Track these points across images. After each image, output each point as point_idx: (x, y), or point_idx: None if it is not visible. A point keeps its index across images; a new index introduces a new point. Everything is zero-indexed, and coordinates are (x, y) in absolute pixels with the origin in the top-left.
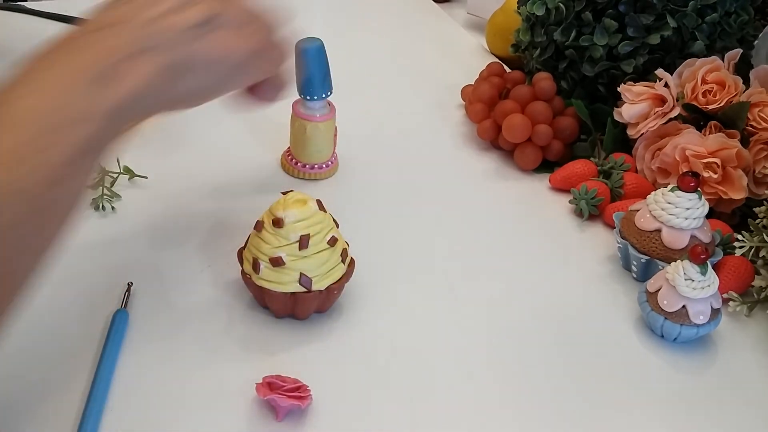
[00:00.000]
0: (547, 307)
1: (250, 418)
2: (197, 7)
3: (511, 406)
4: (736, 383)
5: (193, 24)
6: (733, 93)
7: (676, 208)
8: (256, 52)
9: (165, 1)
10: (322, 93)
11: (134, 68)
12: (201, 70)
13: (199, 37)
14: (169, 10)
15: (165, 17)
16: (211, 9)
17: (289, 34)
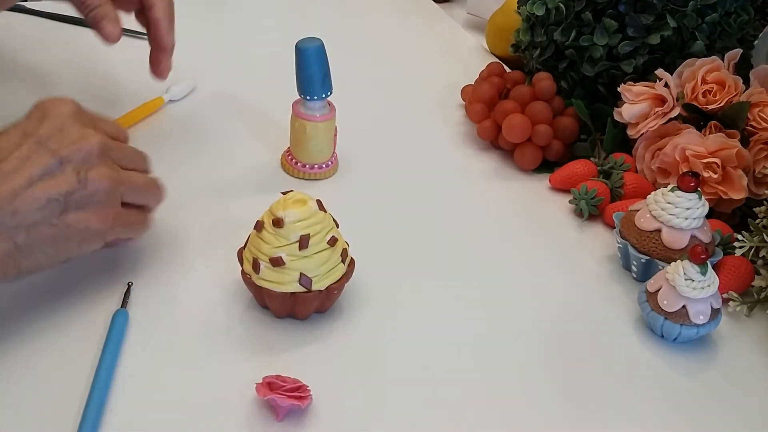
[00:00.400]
0: (546, 307)
1: (250, 419)
2: (55, 182)
3: (512, 406)
4: (736, 383)
5: (47, 201)
6: (733, 93)
7: (676, 208)
8: (114, 228)
9: (26, 169)
10: (322, 93)
11: None
12: (49, 250)
13: (51, 218)
14: (27, 182)
15: (22, 191)
16: (70, 184)
17: (155, 203)
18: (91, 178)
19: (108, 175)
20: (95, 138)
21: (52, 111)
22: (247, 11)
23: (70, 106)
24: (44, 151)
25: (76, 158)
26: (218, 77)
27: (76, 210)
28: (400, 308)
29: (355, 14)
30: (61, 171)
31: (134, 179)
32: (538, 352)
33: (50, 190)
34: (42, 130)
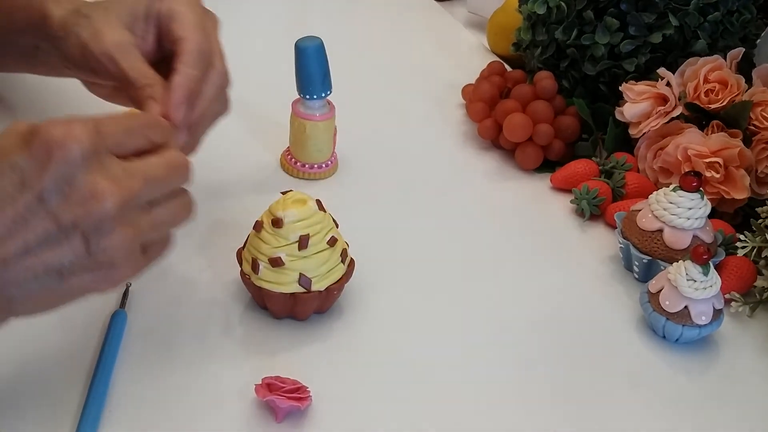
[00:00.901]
0: (547, 308)
1: (249, 420)
2: (57, 251)
3: (512, 407)
4: (738, 384)
5: (44, 271)
6: (736, 92)
7: (678, 208)
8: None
9: (20, 233)
10: (321, 92)
11: None
12: (49, 307)
13: (50, 285)
14: (21, 250)
15: (14, 260)
16: (76, 254)
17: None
18: (104, 246)
19: (125, 241)
20: (111, 199)
21: (57, 152)
22: (246, 10)
23: (80, 144)
24: (45, 214)
25: (85, 224)
26: None
27: (82, 273)
28: (400, 309)
29: (355, 13)
30: (66, 238)
31: (160, 221)
32: (539, 352)
33: (50, 261)
34: (44, 182)
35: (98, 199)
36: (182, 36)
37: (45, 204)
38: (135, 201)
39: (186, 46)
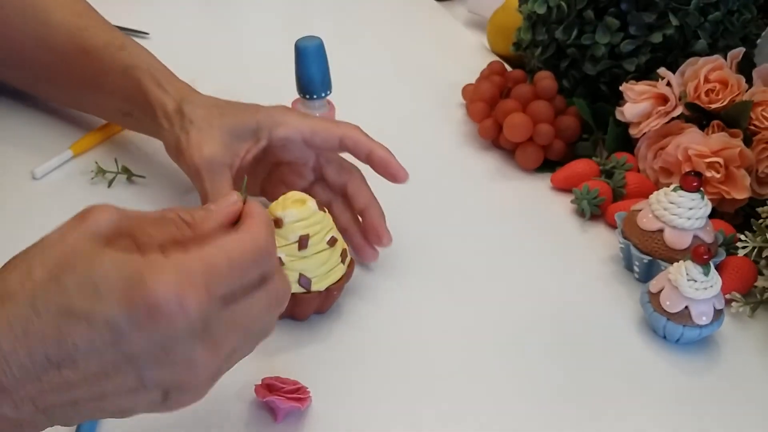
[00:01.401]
0: (548, 308)
1: (249, 420)
2: (132, 398)
3: (513, 407)
4: (739, 384)
5: (113, 412)
6: (736, 92)
7: (678, 208)
8: None
9: (98, 383)
10: (321, 92)
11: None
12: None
13: (112, 417)
14: (96, 396)
15: (84, 402)
16: (150, 404)
17: None
18: (179, 401)
19: (202, 394)
20: (205, 370)
21: (161, 322)
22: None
23: (188, 317)
24: (131, 371)
25: (170, 386)
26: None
27: (146, 410)
28: (400, 309)
29: (355, 13)
30: (146, 391)
31: (242, 355)
32: (539, 352)
33: (123, 407)
34: (138, 347)
35: (191, 370)
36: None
37: (133, 364)
38: (229, 361)
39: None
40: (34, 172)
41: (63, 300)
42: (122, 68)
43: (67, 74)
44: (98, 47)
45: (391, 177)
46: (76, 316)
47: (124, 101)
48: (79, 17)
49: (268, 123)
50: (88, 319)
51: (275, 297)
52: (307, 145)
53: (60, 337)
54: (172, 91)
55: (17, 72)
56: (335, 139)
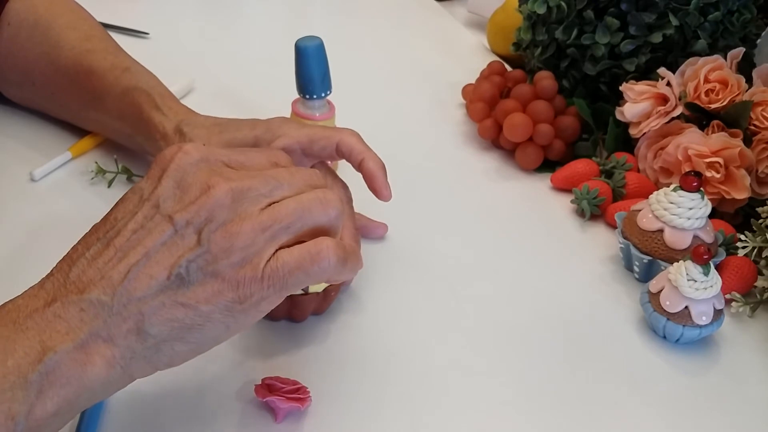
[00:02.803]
0: (548, 308)
1: (249, 420)
2: (174, 251)
3: (512, 408)
4: (739, 384)
5: (167, 276)
6: (736, 92)
7: (678, 208)
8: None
9: (140, 242)
10: (321, 92)
11: (71, 371)
12: (188, 337)
13: (176, 297)
14: (142, 257)
15: (135, 270)
16: (189, 249)
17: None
18: (214, 238)
19: (238, 231)
20: (218, 188)
21: (170, 163)
22: (246, 10)
23: (193, 153)
24: (160, 218)
25: (197, 219)
26: (217, 77)
27: (205, 279)
28: (400, 309)
29: (355, 12)
30: (180, 237)
31: (284, 212)
32: (539, 353)
33: (168, 262)
34: (158, 191)
35: (208, 193)
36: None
37: (159, 209)
38: (251, 193)
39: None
40: (33, 173)
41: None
42: (123, 90)
43: (72, 94)
44: (103, 69)
45: (374, 192)
46: (123, 200)
47: (124, 122)
48: (88, 40)
49: (267, 136)
50: (123, 199)
51: (299, 170)
52: (306, 154)
53: (105, 218)
54: (171, 113)
55: (25, 91)
56: (333, 146)
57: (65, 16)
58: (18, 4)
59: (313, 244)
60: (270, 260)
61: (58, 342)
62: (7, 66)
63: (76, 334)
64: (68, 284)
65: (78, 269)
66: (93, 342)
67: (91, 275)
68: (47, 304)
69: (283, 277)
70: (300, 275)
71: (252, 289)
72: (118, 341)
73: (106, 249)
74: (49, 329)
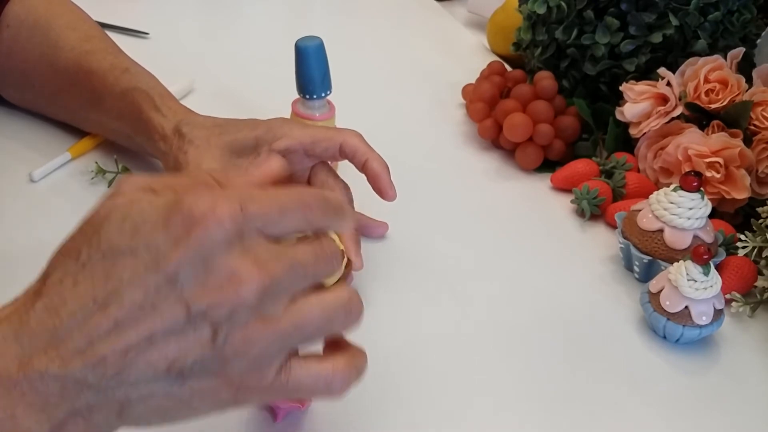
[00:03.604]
0: (548, 308)
1: (249, 420)
2: (182, 345)
3: (512, 408)
4: (739, 384)
5: (167, 369)
6: (736, 92)
7: (678, 208)
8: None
9: (145, 320)
10: (321, 92)
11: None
12: (164, 419)
13: (169, 388)
14: (143, 340)
15: (134, 353)
16: (202, 349)
17: None
18: (231, 342)
19: (259, 338)
20: (250, 284)
21: (197, 231)
22: (246, 10)
23: (223, 225)
24: (175, 299)
25: (216, 313)
26: (217, 77)
27: (204, 377)
28: (400, 309)
29: (355, 12)
30: (194, 329)
31: (308, 320)
32: (539, 352)
33: (172, 356)
34: (178, 262)
35: (236, 285)
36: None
37: (176, 287)
38: (279, 287)
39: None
40: (32, 174)
41: (106, 244)
42: (123, 90)
43: (71, 95)
44: (103, 69)
45: (379, 192)
46: (119, 252)
47: (123, 122)
48: (87, 41)
49: (268, 137)
50: (131, 249)
51: (322, 248)
52: (308, 155)
53: (105, 275)
54: (170, 113)
55: (24, 93)
56: (336, 147)
57: (64, 17)
58: (17, 5)
59: (331, 366)
60: (281, 371)
61: (34, 421)
62: (6, 68)
63: (52, 412)
64: (49, 349)
65: (63, 328)
66: (70, 419)
67: (80, 345)
68: (22, 366)
69: (289, 391)
70: (305, 394)
71: (252, 394)
72: (97, 420)
73: (101, 314)
74: (22, 404)
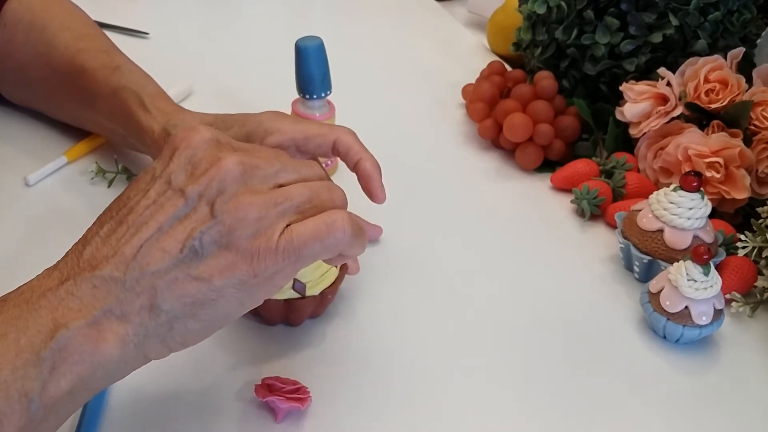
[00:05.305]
0: (548, 308)
1: (249, 420)
2: (187, 223)
3: (512, 408)
4: (739, 384)
5: (180, 250)
6: (736, 92)
7: (678, 208)
8: (287, 259)
9: (153, 217)
10: (321, 92)
11: (84, 347)
12: (201, 314)
13: (190, 271)
14: (155, 232)
15: (148, 244)
16: (202, 221)
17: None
18: (228, 209)
19: (251, 202)
20: (229, 159)
21: (182, 143)
22: (246, 10)
23: (204, 132)
24: (172, 192)
25: (209, 191)
26: (217, 77)
27: (218, 252)
28: (400, 309)
29: (355, 12)
30: (194, 210)
31: (295, 192)
32: (539, 353)
33: (181, 235)
34: (171, 166)
35: (218, 164)
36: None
37: (171, 184)
38: (260, 171)
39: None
40: (27, 179)
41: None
42: (113, 89)
43: (66, 94)
44: (94, 68)
45: (369, 193)
46: (128, 190)
47: (116, 122)
48: (81, 40)
49: (259, 132)
50: (135, 179)
51: (279, 150)
52: (300, 151)
53: (117, 199)
54: (159, 114)
55: (22, 91)
56: (329, 144)
57: (60, 16)
58: (15, 3)
59: (327, 215)
60: (284, 232)
61: (71, 319)
62: (4, 66)
63: (88, 311)
64: (81, 263)
65: (92, 248)
66: (106, 319)
67: (105, 252)
68: (60, 283)
69: (298, 248)
70: (315, 246)
71: (267, 261)
72: (132, 318)
73: (119, 226)
74: (61, 307)
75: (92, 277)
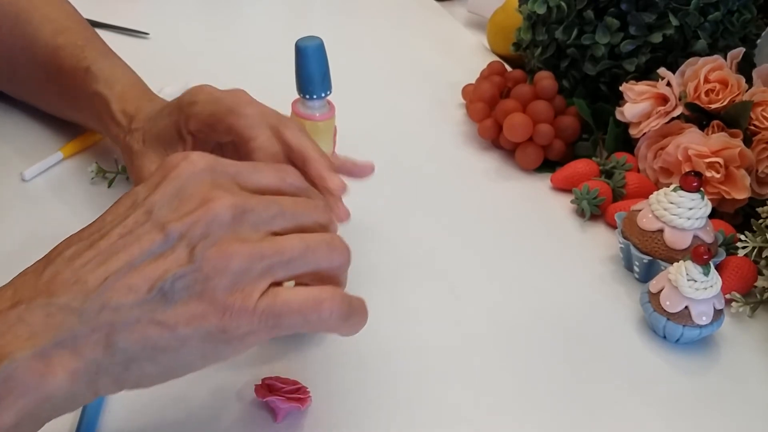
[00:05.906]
0: (548, 308)
1: (249, 420)
2: (160, 263)
3: (512, 408)
4: (739, 384)
5: (148, 290)
6: (736, 92)
7: (678, 208)
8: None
9: (126, 249)
10: (321, 92)
11: (29, 380)
12: (160, 359)
13: (154, 314)
14: (124, 266)
15: (114, 278)
16: (178, 264)
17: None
18: (208, 255)
19: (236, 251)
20: (222, 201)
21: (173, 170)
22: (246, 10)
23: (198, 162)
24: (151, 226)
25: (192, 233)
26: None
27: (189, 300)
28: (400, 309)
29: (355, 12)
30: (172, 250)
31: (287, 246)
32: (539, 352)
33: (152, 275)
34: (155, 196)
35: (208, 206)
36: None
37: (152, 216)
38: (253, 216)
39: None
40: (23, 174)
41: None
42: (87, 95)
43: (51, 92)
44: (70, 69)
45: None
46: (107, 212)
47: (96, 126)
48: (59, 35)
49: (182, 119)
50: (117, 202)
51: (305, 200)
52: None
53: (96, 220)
54: (124, 120)
55: (13, 84)
56: (237, 125)
57: (43, 9)
58: None
59: (318, 290)
60: (266, 293)
61: (17, 348)
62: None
63: (38, 340)
64: (39, 285)
65: (53, 269)
66: (56, 351)
67: (66, 277)
68: (12, 306)
69: (278, 316)
70: (297, 319)
71: (240, 320)
72: (85, 352)
73: (86, 250)
74: (9, 334)
75: (47, 304)
